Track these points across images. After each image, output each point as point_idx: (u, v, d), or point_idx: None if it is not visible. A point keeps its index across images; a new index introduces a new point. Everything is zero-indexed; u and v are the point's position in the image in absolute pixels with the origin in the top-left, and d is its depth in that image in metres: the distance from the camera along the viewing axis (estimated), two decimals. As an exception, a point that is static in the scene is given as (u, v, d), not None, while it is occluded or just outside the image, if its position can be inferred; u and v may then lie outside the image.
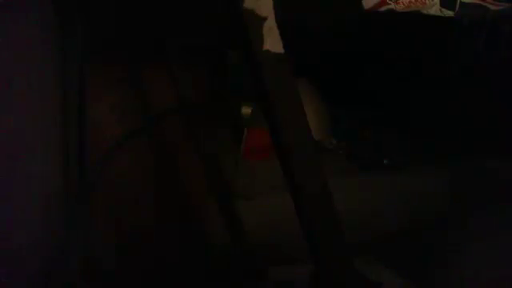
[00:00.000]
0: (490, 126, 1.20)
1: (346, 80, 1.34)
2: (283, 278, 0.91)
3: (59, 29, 0.79)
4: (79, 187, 0.81)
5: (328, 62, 1.34)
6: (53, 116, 0.79)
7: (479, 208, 1.07)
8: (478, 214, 1.06)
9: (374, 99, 1.34)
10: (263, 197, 1.09)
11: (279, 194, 0.82)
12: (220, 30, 0.98)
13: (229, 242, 1.04)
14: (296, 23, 0.95)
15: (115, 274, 0.91)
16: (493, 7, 1.01)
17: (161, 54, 1.04)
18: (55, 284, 0.75)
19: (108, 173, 0.89)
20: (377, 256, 0.93)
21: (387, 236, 1.06)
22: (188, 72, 1.09)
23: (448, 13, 1.02)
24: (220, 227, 1.04)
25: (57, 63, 0.79)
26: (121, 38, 0.95)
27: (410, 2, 1.01)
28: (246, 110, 1.22)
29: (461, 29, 1.20)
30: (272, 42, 0.59)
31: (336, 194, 0.64)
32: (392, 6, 1.02)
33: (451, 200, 1.11)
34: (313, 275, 0.71)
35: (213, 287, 1.01)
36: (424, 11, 1.03)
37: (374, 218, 1.10)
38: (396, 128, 1.28)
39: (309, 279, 0.72)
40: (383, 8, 1.02)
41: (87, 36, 0.83)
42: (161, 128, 1.08)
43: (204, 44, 1.12)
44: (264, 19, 0.58)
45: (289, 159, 0.62)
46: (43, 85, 0.76)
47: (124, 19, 0.95)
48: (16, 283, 0.67)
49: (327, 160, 1.17)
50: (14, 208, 0.67)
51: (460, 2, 1.00)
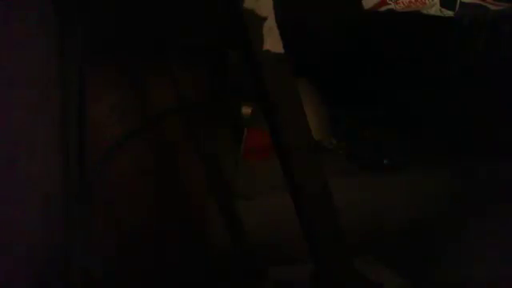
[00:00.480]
0: (490, 126, 1.20)
1: (346, 80, 1.34)
2: (283, 278, 0.91)
3: (59, 29, 0.79)
4: (79, 187, 0.81)
5: (328, 62, 1.34)
6: (53, 116, 0.79)
7: (479, 208, 1.07)
8: (478, 214, 1.06)
9: (374, 99, 1.34)
10: (263, 197, 1.09)
11: (279, 194, 0.82)
12: (220, 30, 0.98)
13: (229, 242, 1.04)
14: (296, 23, 0.95)
15: (115, 274, 0.91)
16: (493, 7, 1.01)
17: (161, 54, 1.04)
18: (55, 284, 0.75)
19: (108, 173, 0.89)
20: (377, 256, 0.93)
21: (387, 236, 1.06)
22: (188, 72, 1.09)
23: (448, 13, 1.02)
24: (220, 227, 1.04)
25: (57, 63, 0.79)
26: (121, 38, 0.95)
27: (410, 2, 1.01)
28: (246, 110, 1.22)
29: (461, 29, 1.20)
30: (272, 42, 0.59)
31: (336, 194, 0.64)
32: (392, 6, 1.02)
33: (451, 200, 1.11)
34: (313, 275, 0.71)
35: (213, 287, 1.02)
36: (424, 11, 1.03)
37: (374, 218, 1.10)
38: (396, 128, 1.28)
39: (309, 279, 0.72)
40: (383, 8, 1.02)
41: (87, 36, 0.83)
42: (161, 128, 1.08)
43: (204, 44, 1.12)
44: (264, 19, 0.58)
45: (289, 159, 0.62)
46: (43, 85, 0.76)
47: (124, 19, 0.95)
48: (16, 283, 0.67)
49: (327, 160, 1.17)
50: (14, 208, 0.67)
51: (460, 2, 1.00)
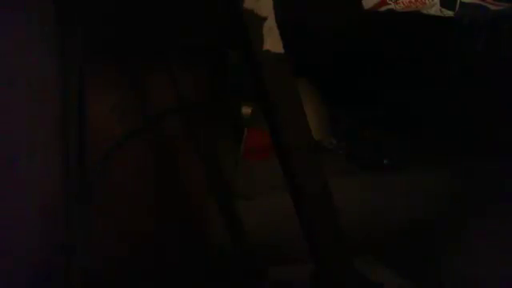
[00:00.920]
0: (490, 126, 1.20)
1: (346, 80, 1.34)
2: (283, 278, 0.91)
3: (59, 29, 0.79)
4: (79, 187, 0.81)
5: (328, 62, 1.34)
6: (53, 116, 0.79)
7: (479, 208, 1.07)
8: (478, 214, 1.06)
9: (374, 99, 1.34)
10: (263, 197, 1.09)
11: (279, 194, 0.82)
12: (220, 30, 0.98)
13: (229, 242, 1.04)
14: (296, 23, 0.95)
15: (115, 274, 0.91)
16: (493, 7, 1.01)
17: (161, 54, 1.04)
18: (55, 284, 0.75)
19: (108, 173, 0.89)
20: (377, 256, 0.93)
21: (387, 236, 1.06)
22: (188, 72, 1.09)
23: (448, 13, 1.02)
24: (220, 227, 1.04)
25: (57, 63, 0.79)
26: (121, 38, 0.95)
27: (410, 2, 1.01)
28: (246, 110, 1.22)
29: (461, 29, 1.20)
30: (272, 42, 0.59)
31: (336, 194, 0.64)
32: (392, 6, 1.02)
33: (451, 200, 1.11)
34: (313, 275, 0.71)
35: (213, 287, 1.02)
36: (424, 11, 1.03)
37: (374, 218, 1.10)
38: (396, 128, 1.28)
39: (309, 279, 0.72)
40: (383, 8, 1.02)
41: (87, 36, 0.82)
42: (161, 128, 1.08)
43: (204, 44, 1.12)
44: (264, 19, 0.58)
45: (289, 159, 0.62)
46: (43, 85, 0.76)
47: (124, 19, 0.95)
48: (16, 283, 0.67)
49: (327, 160, 1.17)
50: (14, 208, 0.67)
51: (460, 2, 1.00)
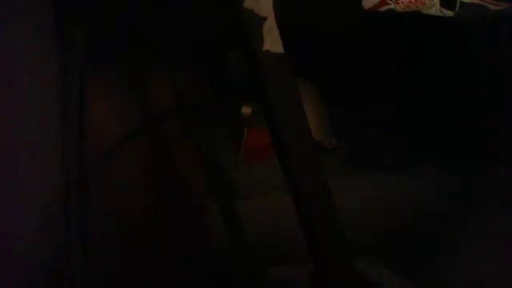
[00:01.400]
0: (490, 126, 1.20)
1: (346, 80, 1.34)
2: (283, 278, 0.91)
3: (59, 29, 0.79)
4: (79, 187, 0.81)
5: (328, 62, 1.34)
6: (53, 116, 0.79)
7: (479, 208, 1.07)
8: (478, 214, 1.06)
9: (374, 99, 1.34)
10: (263, 197, 1.09)
11: (279, 194, 0.82)
12: (220, 30, 0.98)
13: (229, 242, 1.04)
14: (296, 23, 0.95)
15: (115, 274, 0.91)
16: (493, 7, 1.01)
17: (161, 54, 1.04)
18: (55, 284, 0.75)
19: (108, 173, 0.89)
20: (377, 256, 0.93)
21: (387, 236, 1.06)
22: (188, 72, 1.09)
23: (448, 13, 1.02)
24: (220, 227, 1.04)
25: (57, 63, 0.79)
26: (121, 38, 0.95)
27: (410, 2, 1.01)
28: (246, 110, 1.22)
29: (461, 29, 1.20)
30: (272, 42, 0.59)
31: (336, 194, 0.64)
32: (392, 6, 1.02)
33: (451, 200, 1.11)
34: (313, 275, 0.71)
35: (213, 287, 1.02)
36: (424, 11, 1.03)
37: (374, 218, 1.10)
38: (396, 128, 1.28)
39: (309, 279, 0.72)
40: (383, 8, 1.03)
41: (87, 36, 0.82)
42: (161, 128, 1.08)
43: (204, 44, 1.13)
44: (264, 19, 0.58)
45: (289, 159, 0.62)
46: (43, 85, 0.76)
47: (124, 19, 0.95)
48: (16, 283, 0.67)
49: (327, 160, 1.17)
50: (14, 208, 0.67)
51: (460, 2, 1.00)
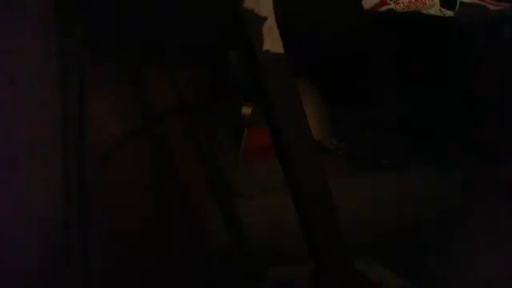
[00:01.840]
0: (490, 126, 1.20)
1: (346, 80, 1.34)
2: (283, 278, 0.91)
3: (59, 29, 0.79)
4: (79, 187, 0.81)
5: (328, 62, 1.34)
6: (53, 116, 0.79)
7: (479, 208, 1.07)
8: (478, 214, 1.06)
9: (374, 99, 1.34)
10: (263, 197, 1.09)
11: (279, 194, 0.82)
12: (220, 30, 0.98)
13: (229, 242, 1.04)
14: (296, 23, 0.95)
15: (115, 274, 0.91)
16: (493, 7, 1.01)
17: (160, 54, 1.04)
18: (55, 284, 0.75)
19: (108, 173, 0.89)
20: (377, 256, 0.93)
21: (387, 236, 1.06)
22: (188, 72, 1.09)
23: (448, 13, 1.02)
24: (220, 227, 1.04)
25: (57, 63, 0.79)
26: (121, 38, 0.95)
27: (410, 2, 1.01)
28: (246, 110, 1.22)
29: (461, 29, 1.20)
30: (272, 42, 0.59)
31: (336, 194, 0.64)
32: (392, 6, 1.02)
33: (451, 200, 1.11)
34: (313, 275, 0.71)
35: (213, 287, 1.02)
36: (424, 11, 1.03)
37: (374, 218, 1.10)
38: (396, 128, 1.28)
39: (309, 279, 0.72)
40: (383, 8, 1.03)
41: (87, 36, 0.82)
42: (161, 128, 1.08)
43: (204, 44, 1.12)
44: (264, 19, 0.58)
45: (289, 159, 0.62)
46: (43, 85, 0.76)
47: (124, 19, 0.95)
48: (16, 283, 0.67)
49: (327, 160, 1.17)
50: (14, 208, 0.67)
51: (460, 2, 1.01)
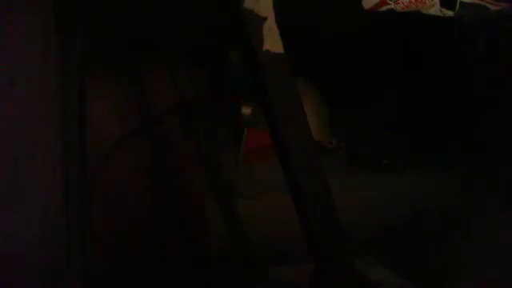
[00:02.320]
0: (490, 126, 1.20)
1: (346, 80, 1.34)
2: (283, 278, 0.91)
3: (59, 29, 0.79)
4: (79, 188, 0.81)
5: (328, 62, 1.34)
6: (53, 116, 0.79)
7: (479, 208, 1.08)
8: (478, 214, 1.06)
9: (374, 99, 1.34)
10: (263, 197, 1.09)
11: (279, 194, 0.82)
12: (220, 30, 0.98)
13: (229, 242, 1.04)
14: (296, 23, 0.95)
15: (115, 274, 0.91)
16: (493, 7, 1.01)
17: (161, 54, 1.04)
18: (56, 284, 0.75)
19: (108, 173, 0.89)
20: (377, 256, 0.93)
21: (387, 236, 1.06)
22: (188, 72, 1.09)
23: (448, 13, 1.02)
24: (220, 227, 1.04)
25: (57, 63, 0.79)
26: (121, 38, 0.95)
27: (410, 2, 1.01)
28: (246, 110, 1.22)
29: (461, 29, 1.20)
30: (272, 42, 0.59)
31: (336, 194, 0.64)
32: (392, 6, 1.02)
33: (451, 200, 1.11)
34: (313, 275, 0.71)
35: (212, 287, 1.01)
36: (424, 11, 1.03)
37: (374, 218, 1.10)
38: (396, 128, 1.28)
39: (309, 279, 0.72)
40: (383, 8, 1.03)
41: (87, 36, 0.82)
42: (161, 128, 1.08)
43: (204, 44, 1.13)
44: (264, 19, 0.58)
45: (289, 159, 0.62)
46: (43, 85, 0.76)
47: (124, 19, 0.95)
48: (16, 283, 0.67)
49: (327, 160, 1.17)
50: (14, 208, 0.67)
51: (460, 2, 1.01)
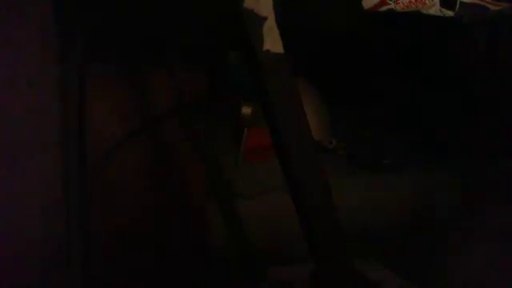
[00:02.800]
0: (490, 126, 1.20)
1: (346, 80, 1.34)
2: (283, 278, 0.91)
3: (59, 29, 0.79)
4: (79, 188, 0.81)
5: (328, 62, 1.34)
6: (53, 116, 0.79)
7: (479, 208, 1.07)
8: (478, 214, 1.06)
9: (375, 99, 1.34)
10: (263, 197, 1.09)
11: (279, 194, 0.82)
12: (220, 30, 0.98)
13: (229, 242, 1.04)
14: (296, 23, 0.95)
15: (115, 274, 0.91)
16: (493, 7, 1.01)
17: (161, 54, 1.04)
18: (56, 283, 0.76)
19: (108, 173, 0.89)
20: (377, 256, 0.93)
21: (387, 236, 1.06)
22: (188, 72, 1.09)
23: (448, 13, 1.02)
24: (220, 227, 1.04)
25: (57, 63, 0.79)
26: (121, 38, 0.95)
27: (410, 2, 1.01)
28: (246, 110, 1.22)
29: (461, 29, 1.20)
30: (272, 42, 0.59)
31: (336, 194, 0.64)
32: (392, 6, 1.02)
33: (451, 200, 1.11)
34: (313, 275, 0.71)
35: (213, 287, 1.02)
36: (424, 11, 1.03)
37: (374, 218, 1.10)
38: (396, 128, 1.28)
39: (309, 279, 0.72)
40: (383, 8, 1.03)
41: (87, 36, 0.83)
42: (161, 128, 1.08)
43: (204, 44, 1.12)
44: (264, 19, 0.58)
45: (289, 159, 0.62)
46: (43, 85, 0.76)
47: (124, 19, 0.95)
48: (16, 283, 0.67)
49: (327, 160, 1.17)
50: (14, 208, 0.67)
51: (460, 2, 1.01)
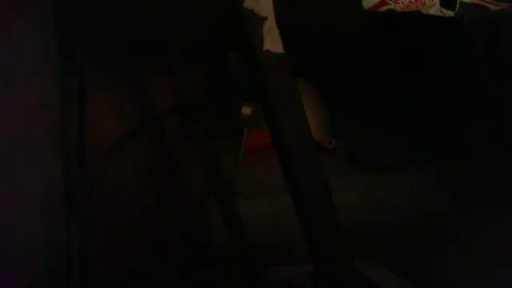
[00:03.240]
0: (490, 126, 1.20)
1: (346, 80, 1.34)
2: (283, 278, 0.91)
3: (59, 29, 0.79)
4: (79, 187, 0.81)
5: (328, 62, 1.34)
6: (53, 116, 0.79)
7: (479, 208, 1.07)
8: (478, 214, 1.06)
9: (374, 99, 1.34)
10: (263, 197, 1.09)
11: (279, 194, 0.82)
12: (220, 30, 0.98)
13: (229, 242, 1.04)
14: (296, 23, 0.95)
15: (115, 274, 0.91)
16: (493, 7, 1.01)
17: (161, 54, 1.04)
18: (56, 283, 0.76)
19: (108, 173, 0.89)
20: (377, 256, 0.93)
21: (387, 236, 1.06)
22: (188, 72, 1.09)
23: (448, 13, 1.02)
24: (220, 227, 1.04)
25: (57, 63, 0.79)
26: (121, 38, 0.95)
27: (410, 2, 1.01)
28: (246, 110, 1.21)
29: (461, 29, 1.20)
30: (272, 42, 0.59)
31: (336, 194, 0.64)
32: (392, 6, 1.02)
33: (451, 200, 1.11)
34: (313, 275, 0.71)
35: (213, 287, 1.02)
36: (424, 11, 1.03)
37: (374, 218, 1.10)
38: (396, 128, 1.28)
39: (309, 279, 0.72)
40: (383, 8, 1.03)
41: (87, 36, 0.83)
42: (161, 128, 1.08)
43: (204, 44, 1.13)
44: (264, 19, 0.58)
45: (289, 159, 0.62)
46: (43, 85, 0.76)
47: (124, 19, 0.95)
48: (16, 283, 0.67)
49: (327, 160, 1.17)
50: (14, 208, 0.67)
51: (460, 2, 1.01)
